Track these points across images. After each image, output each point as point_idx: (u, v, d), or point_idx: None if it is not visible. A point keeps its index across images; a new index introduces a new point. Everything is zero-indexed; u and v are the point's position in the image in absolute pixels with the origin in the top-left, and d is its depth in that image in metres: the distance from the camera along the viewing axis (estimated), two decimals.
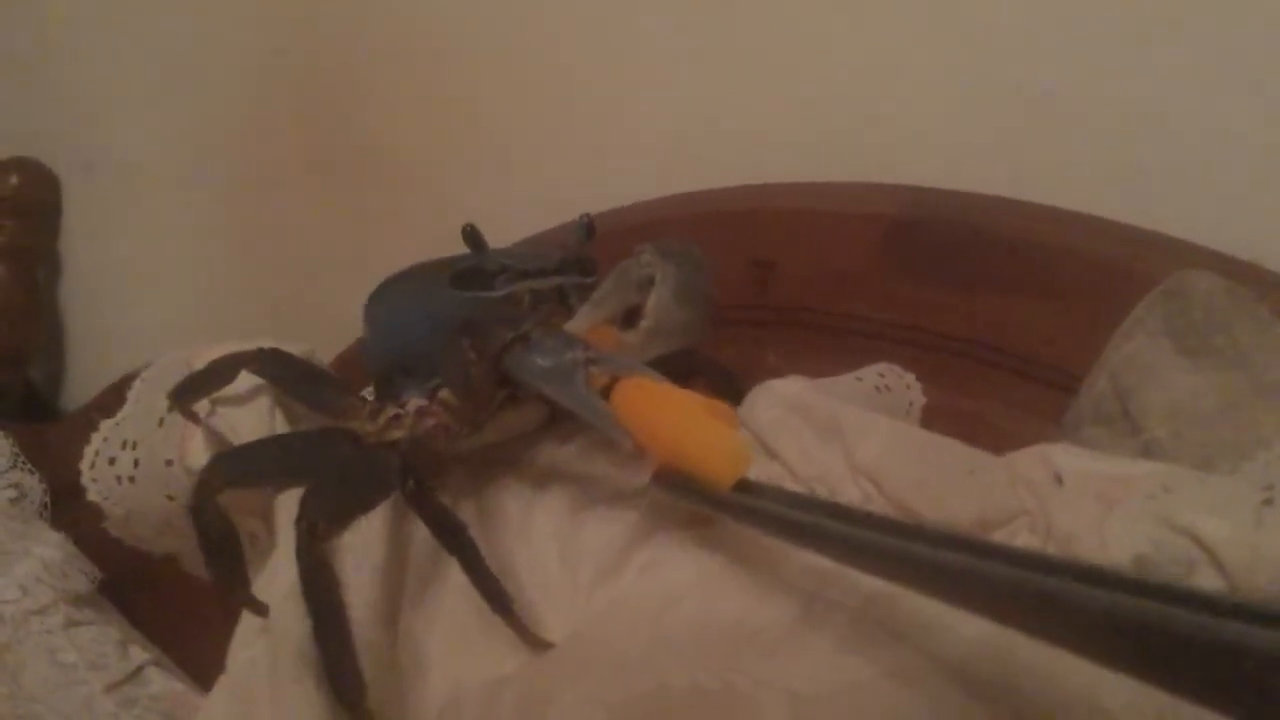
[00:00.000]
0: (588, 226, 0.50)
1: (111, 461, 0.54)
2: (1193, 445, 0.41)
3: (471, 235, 0.47)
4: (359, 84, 0.83)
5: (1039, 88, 0.54)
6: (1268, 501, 0.36)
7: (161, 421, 0.53)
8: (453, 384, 0.46)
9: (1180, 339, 0.43)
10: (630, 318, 0.43)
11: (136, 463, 0.54)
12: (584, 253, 0.49)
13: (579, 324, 0.42)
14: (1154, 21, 0.50)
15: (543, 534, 0.45)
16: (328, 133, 0.86)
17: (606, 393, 0.38)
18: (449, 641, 0.42)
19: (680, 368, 0.50)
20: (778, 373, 0.53)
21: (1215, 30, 0.49)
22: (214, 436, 0.52)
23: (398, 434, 0.46)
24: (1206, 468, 0.40)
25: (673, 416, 0.37)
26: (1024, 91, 0.55)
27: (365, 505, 0.43)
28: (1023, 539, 0.37)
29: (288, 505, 0.45)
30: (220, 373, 0.52)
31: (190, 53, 0.93)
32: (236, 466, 0.46)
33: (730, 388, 0.51)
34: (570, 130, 0.74)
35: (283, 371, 0.52)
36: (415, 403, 0.47)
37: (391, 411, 0.47)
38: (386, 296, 0.51)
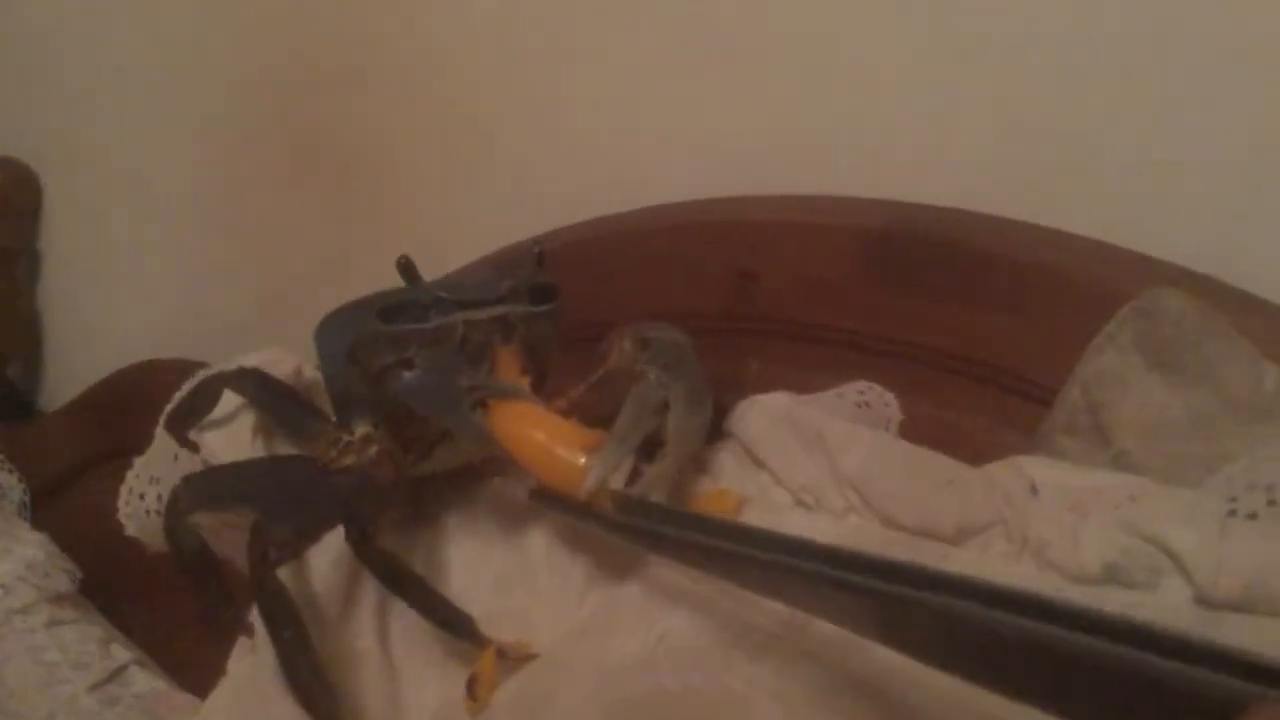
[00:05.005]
0: (539, 255, 0.49)
1: (141, 497, 0.56)
2: (1161, 458, 0.42)
3: (405, 268, 0.47)
4: (344, 86, 0.83)
5: (1020, 105, 0.55)
6: (1231, 513, 0.38)
7: (176, 456, 0.54)
8: (364, 408, 0.48)
9: (1151, 355, 0.45)
10: (647, 444, 0.42)
11: (160, 497, 0.55)
12: (539, 280, 0.48)
13: (609, 459, 0.40)
14: (1134, 43, 0.51)
15: (534, 544, 0.46)
16: (312, 134, 0.87)
17: (488, 414, 0.42)
18: (438, 652, 0.43)
19: None
20: (759, 382, 0.54)
21: (1193, 54, 0.50)
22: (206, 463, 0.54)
23: (349, 459, 0.47)
24: (1174, 480, 0.41)
25: (540, 438, 0.41)
26: (1005, 108, 0.55)
27: (316, 533, 0.45)
28: (998, 546, 0.38)
29: None
30: (206, 394, 0.53)
31: (174, 54, 0.93)
32: (203, 490, 0.47)
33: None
34: (555, 138, 0.74)
35: (260, 393, 0.53)
36: (362, 430, 0.48)
37: (344, 439, 0.48)
38: (326, 330, 0.52)
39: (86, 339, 1.07)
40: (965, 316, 0.55)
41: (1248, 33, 0.48)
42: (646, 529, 0.37)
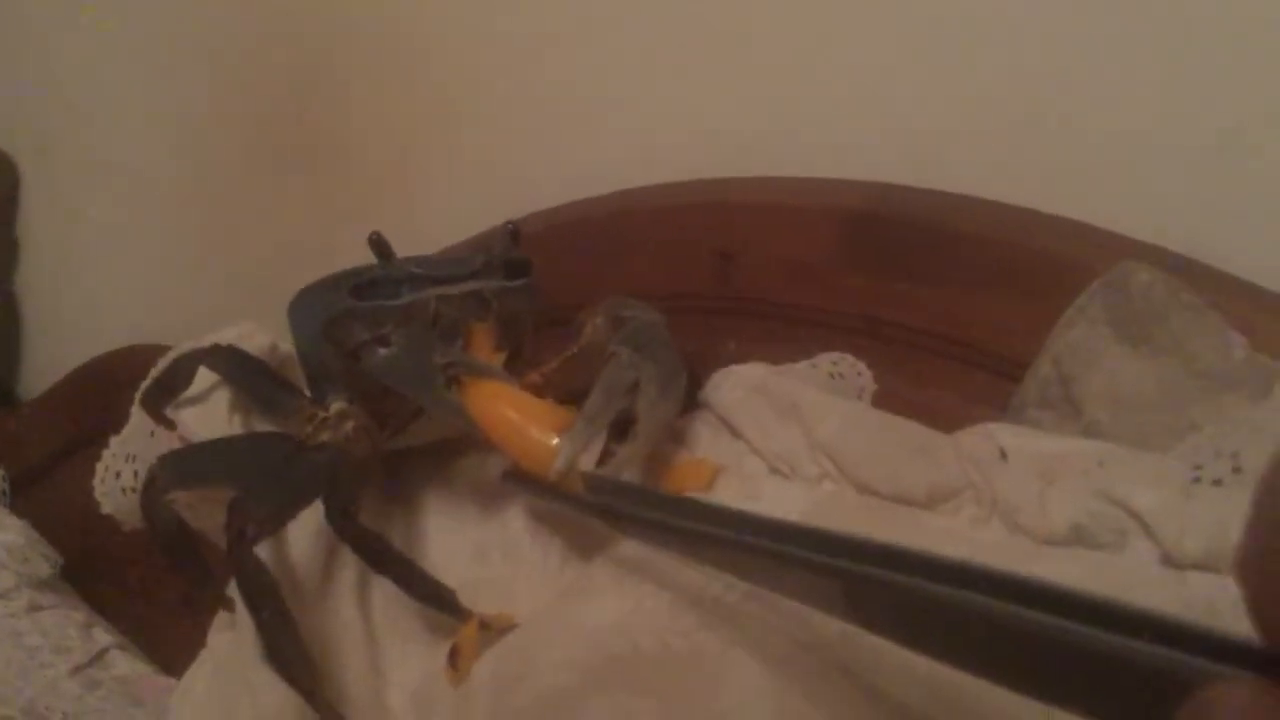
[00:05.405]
0: (513, 233, 0.49)
1: (118, 475, 0.56)
2: (1130, 427, 0.43)
3: (377, 244, 0.46)
4: (327, 75, 0.83)
5: (997, 88, 0.56)
6: (1197, 479, 0.39)
7: (153, 433, 0.54)
8: (338, 384, 0.48)
9: (1120, 327, 0.45)
10: (619, 424, 0.42)
11: (136, 474, 0.55)
12: (513, 256, 0.48)
13: (578, 439, 0.40)
14: (1109, 24, 0.52)
15: (513, 516, 0.47)
16: (294, 122, 0.86)
17: (462, 391, 0.42)
18: (419, 624, 0.43)
19: None
20: (738, 361, 0.54)
21: (1169, 39, 0.50)
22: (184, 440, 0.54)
23: (325, 436, 0.47)
24: (1142, 448, 0.42)
25: (512, 417, 0.41)
26: (982, 91, 0.56)
27: (294, 509, 0.44)
28: (969, 511, 0.39)
29: None
30: (181, 371, 0.53)
31: (154, 41, 0.93)
32: (181, 469, 0.47)
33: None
34: (537, 124, 0.74)
35: (234, 369, 0.53)
36: (337, 406, 0.48)
37: (320, 415, 0.48)
38: (299, 306, 0.52)
39: (64, 326, 1.06)
40: (942, 296, 0.55)
41: (1224, 13, 0.49)
42: (616, 509, 0.38)
